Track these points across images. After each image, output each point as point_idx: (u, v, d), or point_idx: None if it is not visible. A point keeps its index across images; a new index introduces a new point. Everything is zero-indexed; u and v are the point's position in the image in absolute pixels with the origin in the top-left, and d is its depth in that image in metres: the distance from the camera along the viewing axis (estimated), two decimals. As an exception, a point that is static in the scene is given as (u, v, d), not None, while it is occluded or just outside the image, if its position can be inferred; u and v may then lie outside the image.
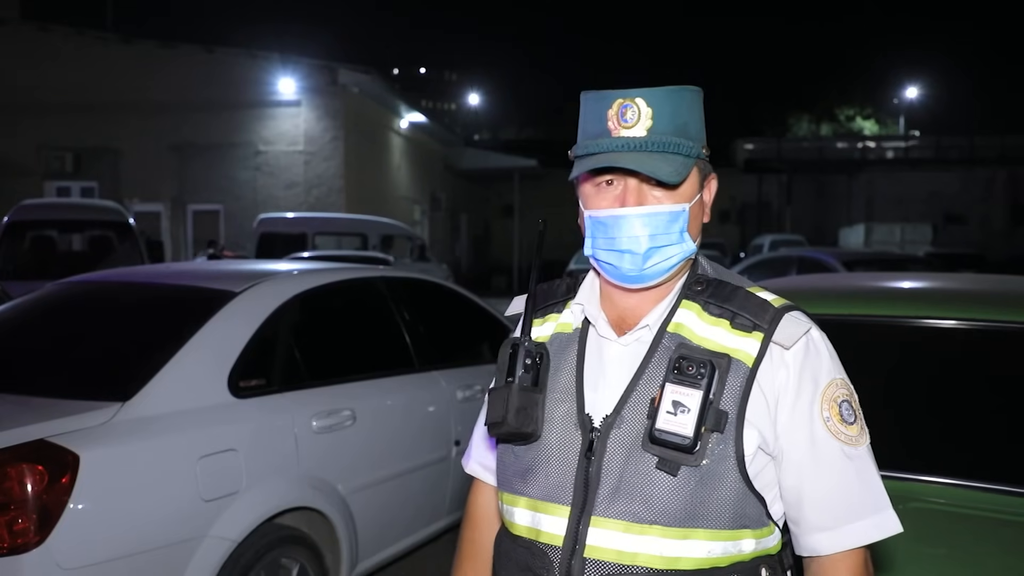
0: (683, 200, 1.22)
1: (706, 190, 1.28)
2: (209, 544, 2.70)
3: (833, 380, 1.22)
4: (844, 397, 1.22)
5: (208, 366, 2.92)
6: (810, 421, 1.19)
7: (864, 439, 1.22)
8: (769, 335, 1.19)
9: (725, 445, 1.16)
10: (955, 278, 3.18)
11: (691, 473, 1.15)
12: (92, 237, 10.25)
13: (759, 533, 1.20)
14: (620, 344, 1.26)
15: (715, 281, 1.26)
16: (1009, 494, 1.96)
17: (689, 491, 1.15)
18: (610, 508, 1.18)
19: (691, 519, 1.15)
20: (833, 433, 1.19)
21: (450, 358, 4.20)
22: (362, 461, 3.39)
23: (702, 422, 1.14)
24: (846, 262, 8.43)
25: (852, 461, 1.20)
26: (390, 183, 21.03)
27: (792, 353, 1.20)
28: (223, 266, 3.93)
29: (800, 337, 1.20)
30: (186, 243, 17.51)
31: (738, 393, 1.17)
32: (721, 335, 1.20)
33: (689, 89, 1.23)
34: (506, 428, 1.24)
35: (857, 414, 1.23)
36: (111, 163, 17.41)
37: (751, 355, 1.18)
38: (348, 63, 17.83)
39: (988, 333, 2.31)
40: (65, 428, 2.46)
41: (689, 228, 1.23)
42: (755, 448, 1.18)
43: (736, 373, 1.18)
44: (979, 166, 32.30)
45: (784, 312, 1.21)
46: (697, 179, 1.24)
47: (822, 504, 1.19)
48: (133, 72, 16.87)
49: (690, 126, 1.21)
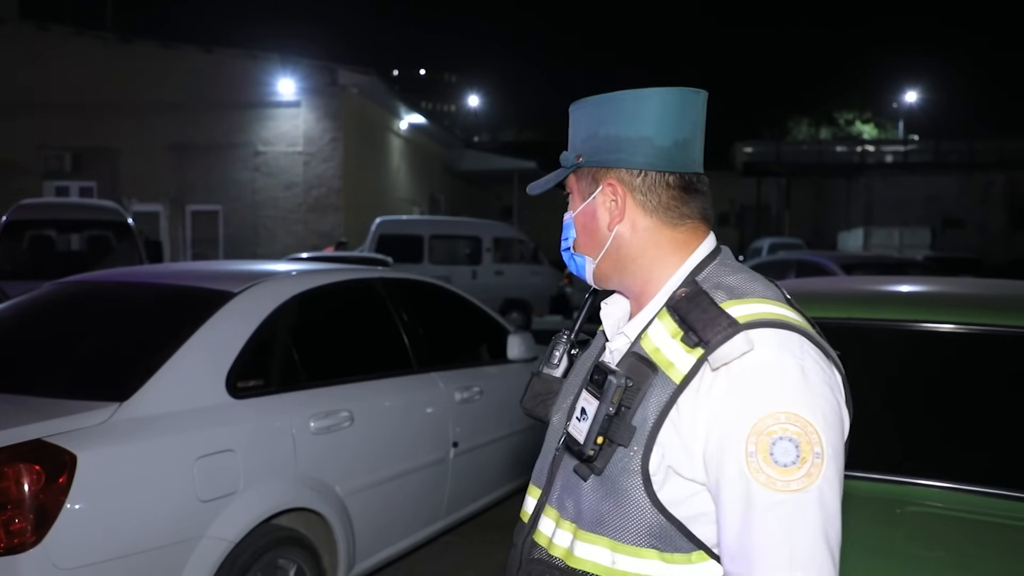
0: (571, 210, 1.31)
1: (600, 195, 1.25)
2: (206, 545, 2.70)
3: (774, 412, 1.04)
4: (785, 434, 1.04)
5: (206, 366, 2.92)
6: (732, 452, 1.06)
7: (803, 484, 1.03)
8: (708, 353, 1.09)
9: (630, 461, 1.12)
10: (953, 282, 3.18)
11: (599, 481, 1.15)
12: (90, 237, 10.24)
13: (670, 558, 1.12)
14: (610, 347, 1.30)
15: (696, 291, 1.18)
16: (1008, 498, 1.96)
17: (597, 498, 1.16)
18: (556, 499, 1.25)
19: (597, 525, 1.16)
20: (751, 471, 1.04)
21: (448, 360, 4.20)
22: (360, 462, 3.39)
23: (598, 432, 1.13)
24: (844, 265, 8.44)
25: (767, 508, 1.03)
26: (389, 184, 21.03)
27: (723, 373, 1.08)
28: (221, 266, 3.93)
29: (738, 356, 1.07)
30: (185, 243, 17.50)
31: (656, 411, 1.11)
32: (671, 348, 1.14)
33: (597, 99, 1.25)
34: (522, 409, 1.42)
35: (803, 455, 1.04)
36: (110, 163, 17.39)
37: (682, 372, 1.10)
38: (348, 64, 17.83)
39: (986, 337, 2.31)
40: (62, 428, 2.45)
41: (578, 237, 1.30)
42: (664, 470, 1.11)
43: (662, 389, 1.12)
44: (978, 170, 32.34)
45: (743, 329, 1.08)
46: (579, 187, 1.29)
47: (727, 545, 1.07)
48: (132, 72, 16.86)
49: (576, 137, 1.28)
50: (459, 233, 15.46)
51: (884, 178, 33.85)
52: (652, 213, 1.23)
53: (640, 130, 1.21)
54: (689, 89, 1.24)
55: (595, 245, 1.27)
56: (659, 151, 1.21)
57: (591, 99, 1.26)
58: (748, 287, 1.18)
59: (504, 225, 15.91)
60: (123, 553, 2.49)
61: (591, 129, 1.25)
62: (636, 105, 1.21)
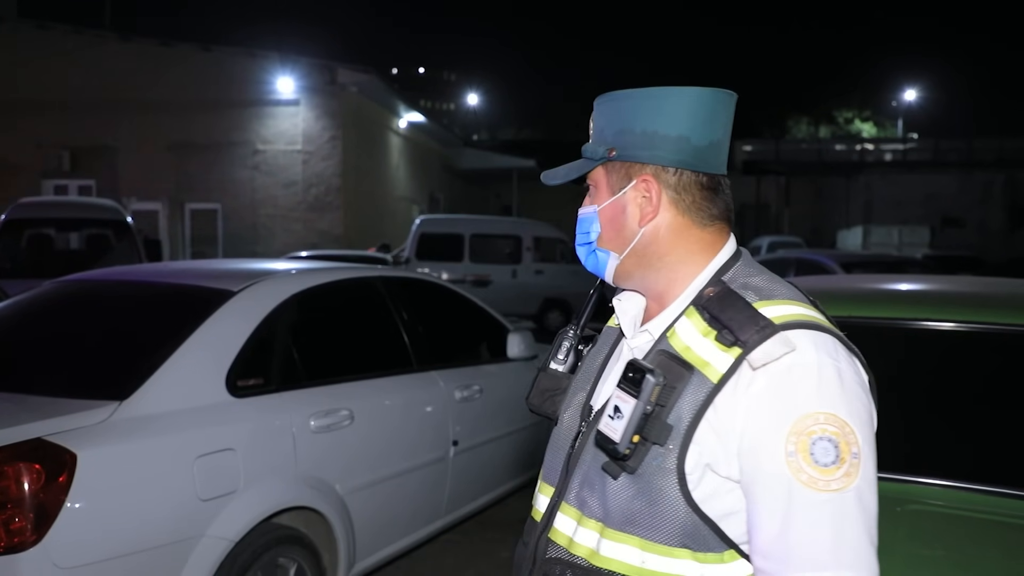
0: (596, 203, 1.29)
1: (632, 190, 1.24)
2: (206, 544, 2.70)
3: (813, 413, 1.06)
4: (824, 434, 1.05)
5: (206, 365, 2.92)
6: (770, 452, 1.07)
7: (843, 484, 1.05)
8: (746, 352, 1.09)
9: (664, 459, 1.11)
10: (953, 281, 3.18)
11: (631, 480, 1.14)
12: (89, 236, 10.23)
13: (703, 558, 1.12)
14: (629, 345, 1.29)
15: (726, 290, 1.18)
16: (1008, 496, 1.96)
17: (628, 496, 1.14)
18: (575, 497, 1.23)
19: (627, 524, 1.14)
20: (792, 471, 1.05)
21: (448, 358, 4.20)
22: (360, 461, 3.39)
23: (634, 430, 1.11)
24: (844, 264, 8.45)
25: (810, 508, 1.04)
26: (389, 183, 21.01)
27: (762, 373, 1.08)
28: (221, 265, 3.93)
29: (778, 357, 1.07)
30: (184, 242, 17.49)
31: (692, 409, 1.11)
32: (704, 347, 1.14)
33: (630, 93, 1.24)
34: (529, 406, 1.40)
35: (842, 455, 1.05)
36: (108, 161, 17.37)
37: (720, 372, 1.10)
38: (347, 63, 17.81)
39: (987, 336, 2.31)
40: (63, 427, 2.45)
41: (603, 232, 1.27)
42: (701, 469, 1.11)
43: (698, 388, 1.11)
44: (977, 169, 32.35)
45: (779, 330, 1.09)
46: (607, 181, 1.27)
47: (763, 545, 1.07)
48: (131, 70, 16.84)
49: (607, 131, 1.26)
50: (500, 232, 15.42)
51: (883, 177, 33.85)
52: (684, 212, 1.23)
53: (678, 128, 1.21)
54: (725, 91, 1.25)
55: (621, 241, 1.25)
56: (695, 151, 1.21)
57: (624, 92, 1.24)
58: (775, 289, 1.19)
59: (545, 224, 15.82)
60: (123, 552, 2.49)
61: (624, 123, 1.23)
62: (677, 103, 1.21)
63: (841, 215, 32.50)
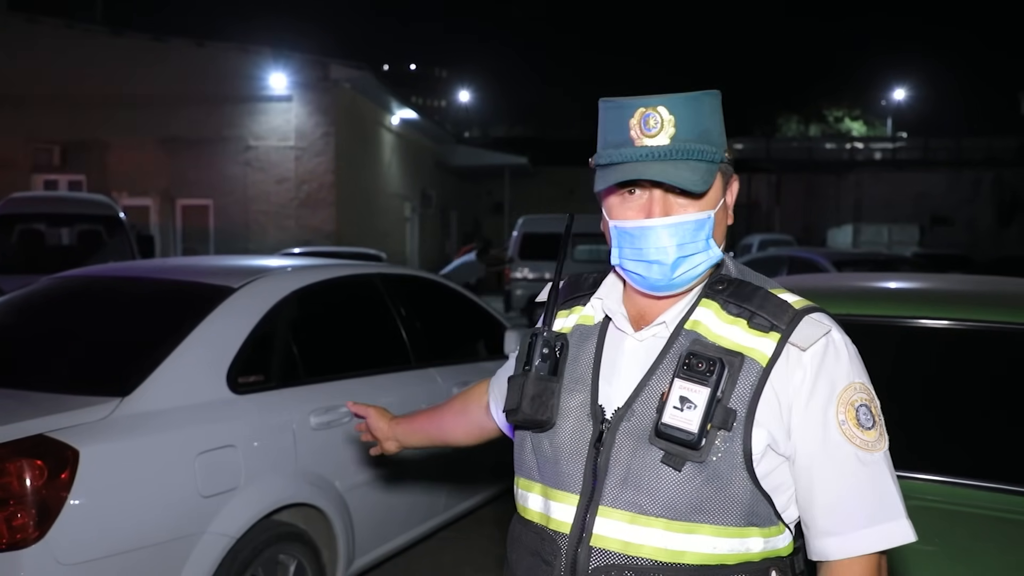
0: (708, 207, 1.22)
1: (729, 193, 1.28)
2: (208, 540, 2.70)
3: (852, 384, 1.20)
4: (862, 401, 1.20)
5: (207, 362, 2.92)
6: (824, 424, 1.18)
7: (882, 445, 1.20)
8: (786, 336, 1.18)
9: (732, 443, 1.16)
10: (945, 279, 3.20)
11: (697, 469, 1.16)
12: (81, 231, 10.17)
13: (768, 532, 1.20)
14: (636, 339, 1.28)
15: (736, 280, 1.26)
16: (1005, 492, 1.98)
17: (695, 486, 1.16)
18: (617, 499, 1.20)
19: (696, 513, 1.16)
20: (848, 437, 1.17)
21: (446, 355, 4.21)
22: (360, 458, 3.40)
23: (708, 419, 1.14)
24: (836, 262, 8.50)
25: (866, 467, 1.18)
26: (381, 179, 20.97)
27: (809, 354, 1.18)
28: (220, 261, 3.92)
29: (819, 339, 1.18)
30: (175, 237, 17.42)
31: (749, 392, 1.17)
32: (737, 334, 1.20)
33: (708, 94, 1.22)
34: (521, 415, 1.29)
35: (876, 419, 1.21)
36: (99, 157, 17.25)
37: (766, 355, 1.18)
38: (340, 58, 17.75)
39: (982, 334, 2.34)
40: (64, 423, 2.45)
41: (714, 234, 1.23)
42: (764, 448, 1.17)
43: (749, 372, 1.17)
44: (966, 168, 32.50)
45: (804, 314, 1.20)
46: (720, 183, 1.25)
47: (832, 508, 1.18)
48: (122, 65, 16.72)
49: (712, 131, 1.21)
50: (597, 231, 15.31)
51: (873, 175, 33.97)
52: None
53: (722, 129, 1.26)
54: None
55: (721, 240, 1.27)
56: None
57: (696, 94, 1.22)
58: (767, 280, 1.31)
59: None
60: (125, 549, 2.49)
61: (713, 124, 1.22)
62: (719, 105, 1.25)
63: (831, 213, 32.58)
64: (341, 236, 16.92)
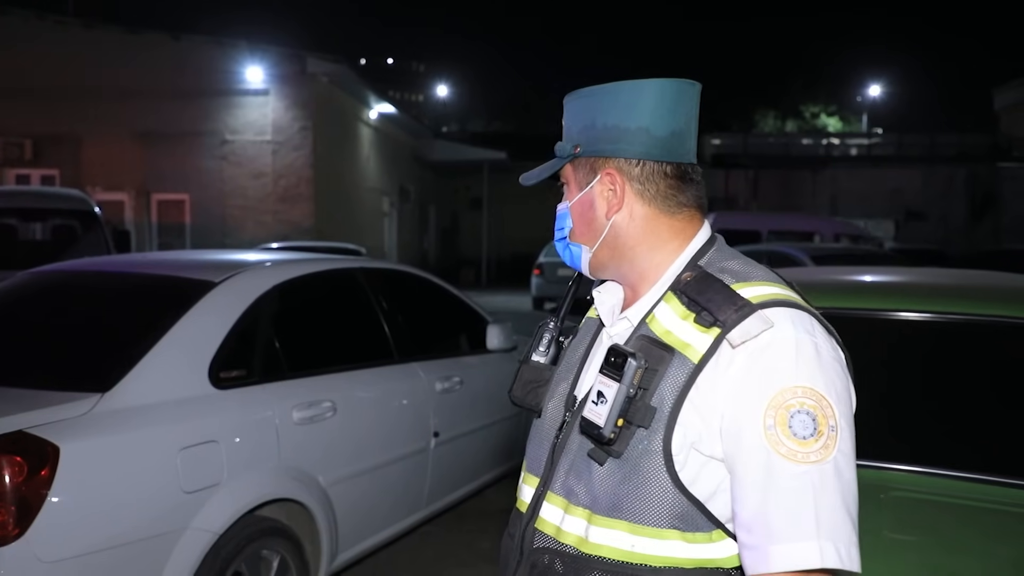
0: (568, 199, 1.32)
1: (598, 184, 1.27)
2: (190, 536, 2.68)
3: (792, 387, 1.08)
4: (802, 407, 1.07)
5: (188, 357, 2.89)
6: (750, 426, 1.09)
7: (820, 456, 1.06)
8: (725, 332, 1.11)
9: (651, 441, 1.13)
10: (926, 273, 3.24)
11: (617, 464, 1.15)
12: (55, 226, 10.02)
13: (692, 538, 1.14)
14: (608, 333, 1.31)
15: (703, 274, 1.21)
16: (988, 483, 2.01)
17: (615, 481, 1.16)
18: (561, 486, 1.24)
19: (614, 509, 1.16)
20: (770, 443, 1.07)
21: (429, 350, 4.20)
22: (342, 453, 3.38)
23: (618, 414, 1.13)
24: (815, 257, 8.56)
25: (789, 478, 1.06)
26: (359, 174, 20.85)
27: (742, 351, 1.10)
28: (200, 255, 3.88)
29: (757, 335, 1.10)
30: (150, 232, 17.23)
31: (676, 390, 1.13)
32: (684, 329, 1.16)
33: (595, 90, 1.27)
34: (513, 400, 1.40)
35: (821, 429, 1.07)
36: (72, 151, 17.01)
37: (700, 352, 1.13)
38: (317, 52, 17.61)
39: (965, 326, 2.37)
40: (44, 419, 2.42)
41: (575, 226, 1.31)
42: (687, 449, 1.12)
43: (679, 369, 1.13)
44: (940, 164, 32.88)
45: (754, 310, 1.12)
46: (575, 177, 1.30)
47: (746, 518, 1.09)
48: (96, 58, 16.49)
49: (572, 127, 1.29)
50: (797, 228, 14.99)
51: (849, 171, 34.27)
52: (650, 202, 1.25)
53: (638, 120, 1.23)
54: (685, 80, 1.26)
55: (592, 234, 1.29)
56: (656, 141, 1.23)
57: (587, 90, 1.28)
58: (751, 271, 1.22)
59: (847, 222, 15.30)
60: (107, 545, 2.47)
61: (588, 119, 1.26)
62: (634, 96, 1.23)
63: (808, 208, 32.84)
64: (319, 231, 16.82)
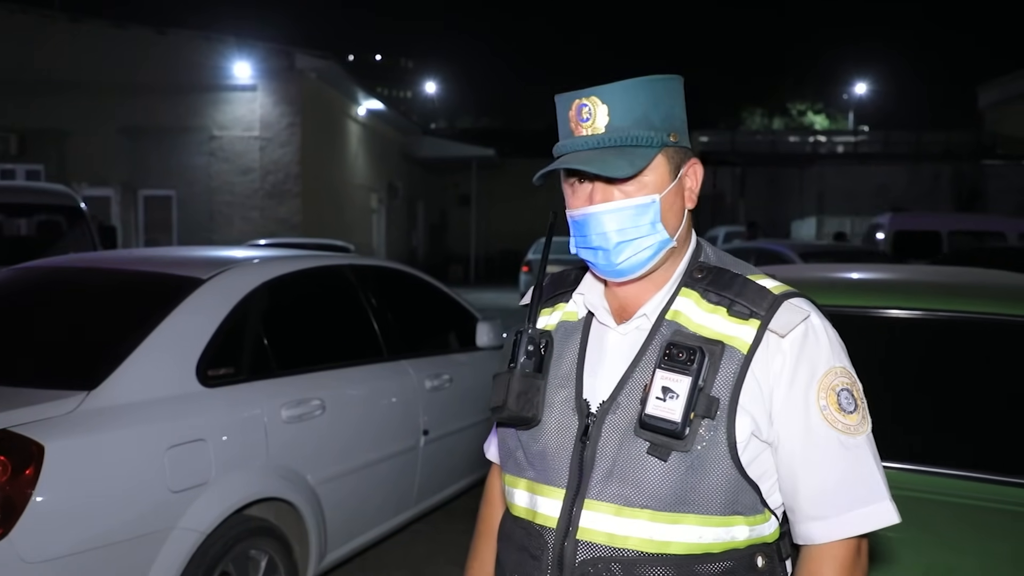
0: (652, 191, 1.22)
1: (686, 176, 1.27)
2: (177, 536, 2.65)
3: (832, 368, 1.21)
4: (843, 385, 1.21)
5: (176, 354, 2.86)
6: (805, 409, 1.19)
7: (864, 428, 1.21)
8: (766, 322, 1.19)
9: (716, 432, 1.16)
10: (915, 271, 3.25)
11: (682, 458, 1.16)
12: (41, 222, 9.93)
13: (753, 520, 1.20)
14: (619, 332, 1.29)
15: (715, 268, 1.27)
16: (984, 481, 2.01)
17: (679, 476, 1.16)
18: (603, 491, 1.20)
19: (681, 504, 1.16)
20: (829, 422, 1.18)
21: (419, 347, 4.18)
22: (331, 451, 3.36)
23: (690, 408, 1.15)
24: (803, 254, 8.58)
25: (848, 451, 1.18)
26: (347, 170, 20.77)
27: (788, 340, 1.19)
28: (189, 252, 3.84)
29: (797, 324, 1.19)
30: (137, 229, 17.10)
31: (731, 380, 1.17)
32: (718, 322, 1.21)
33: (651, 79, 1.22)
34: (507, 412, 1.27)
35: (858, 403, 1.21)
36: (58, 146, 16.88)
37: (746, 342, 1.19)
38: (305, 48, 17.52)
39: (957, 323, 2.36)
40: (29, 418, 2.39)
41: (663, 218, 1.22)
42: (748, 435, 1.18)
43: (730, 360, 1.18)
44: (925, 161, 33.07)
45: (784, 299, 1.21)
46: (667, 167, 1.23)
47: (816, 493, 1.19)
48: (82, 52, 16.36)
49: (652, 117, 1.21)
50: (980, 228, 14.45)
51: (836, 168, 34.41)
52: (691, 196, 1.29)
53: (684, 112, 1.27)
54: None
55: (672, 228, 1.25)
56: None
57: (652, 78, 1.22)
58: (746, 266, 1.30)
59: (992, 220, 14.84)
60: (92, 546, 2.43)
61: (669, 107, 1.23)
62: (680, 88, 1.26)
63: (795, 205, 32.96)
64: (307, 227, 16.74)
